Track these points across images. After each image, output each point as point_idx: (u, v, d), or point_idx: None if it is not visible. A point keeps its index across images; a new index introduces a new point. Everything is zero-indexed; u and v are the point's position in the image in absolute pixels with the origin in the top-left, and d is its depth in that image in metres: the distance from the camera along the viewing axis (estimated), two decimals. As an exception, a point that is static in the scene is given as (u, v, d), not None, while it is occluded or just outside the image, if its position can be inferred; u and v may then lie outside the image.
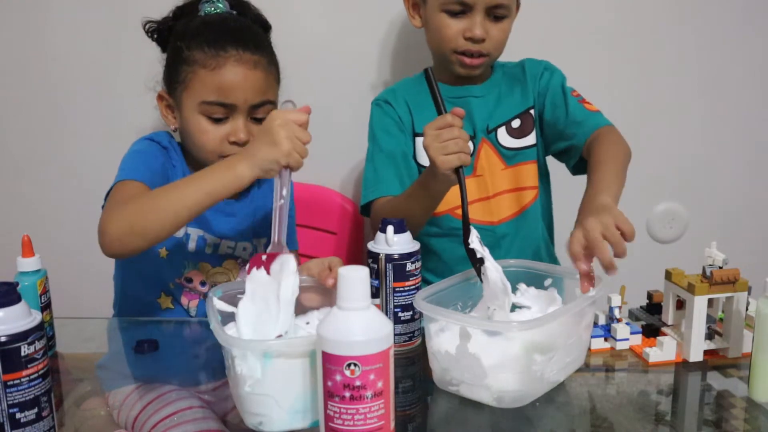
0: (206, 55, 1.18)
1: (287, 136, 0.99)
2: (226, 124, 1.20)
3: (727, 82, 1.82)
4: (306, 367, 0.82)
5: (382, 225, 1.09)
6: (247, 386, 0.83)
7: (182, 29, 1.23)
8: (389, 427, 0.77)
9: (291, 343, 0.86)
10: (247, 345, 0.84)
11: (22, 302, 0.80)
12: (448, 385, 0.97)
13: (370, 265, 1.09)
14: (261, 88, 1.20)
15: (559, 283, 1.09)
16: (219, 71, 1.18)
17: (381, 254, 1.07)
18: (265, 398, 0.83)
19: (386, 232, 1.07)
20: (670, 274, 1.11)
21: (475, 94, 1.47)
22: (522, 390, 0.93)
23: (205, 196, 1.03)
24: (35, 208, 1.77)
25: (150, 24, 1.28)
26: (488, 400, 0.94)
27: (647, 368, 1.05)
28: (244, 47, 1.19)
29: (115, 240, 1.04)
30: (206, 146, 1.21)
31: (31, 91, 1.73)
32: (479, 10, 1.35)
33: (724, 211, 1.88)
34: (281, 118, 1.01)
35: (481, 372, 0.92)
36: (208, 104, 1.19)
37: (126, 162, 1.20)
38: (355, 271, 0.74)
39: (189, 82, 1.20)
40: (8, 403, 0.78)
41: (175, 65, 1.21)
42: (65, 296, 1.23)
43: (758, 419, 0.93)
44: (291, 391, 0.83)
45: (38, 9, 1.68)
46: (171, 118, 1.26)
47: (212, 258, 1.28)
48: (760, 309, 0.93)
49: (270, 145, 0.99)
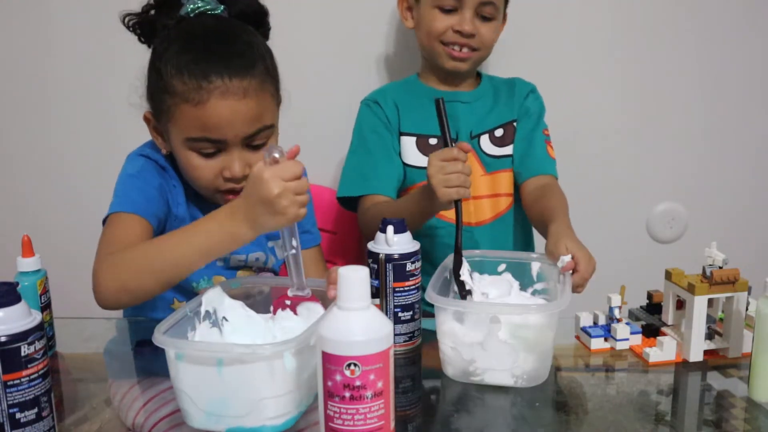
0: (187, 87, 1.05)
1: (291, 203, 0.93)
2: (218, 158, 1.10)
3: (728, 82, 1.82)
4: (214, 374, 0.83)
5: (383, 225, 1.09)
6: (171, 380, 0.87)
7: (161, 48, 1.11)
8: (389, 427, 0.77)
9: (199, 346, 0.88)
10: (163, 341, 0.85)
11: (22, 302, 0.80)
12: (470, 376, 0.99)
13: (370, 265, 1.09)
14: (254, 117, 1.09)
15: (512, 268, 1.15)
16: (203, 107, 1.05)
17: (381, 254, 1.07)
18: (182, 394, 0.86)
19: (386, 232, 1.07)
20: (670, 274, 1.11)
21: (463, 99, 1.52)
22: (541, 368, 0.99)
23: (201, 257, 0.98)
24: (35, 208, 1.77)
25: (129, 17, 1.15)
26: (512, 383, 0.98)
27: (647, 368, 1.05)
28: (231, 74, 1.06)
29: (110, 297, 1.01)
30: (199, 182, 1.13)
31: (31, 91, 1.73)
32: (469, 6, 1.43)
33: (724, 211, 1.88)
34: (278, 185, 0.92)
35: (512, 357, 0.96)
36: (194, 141, 1.08)
37: (121, 188, 1.13)
38: (355, 271, 0.74)
39: (173, 114, 1.08)
40: (8, 403, 0.78)
41: (158, 92, 1.10)
42: (65, 296, 1.23)
43: (758, 419, 0.93)
44: (203, 393, 0.85)
45: (39, 10, 1.68)
46: (161, 142, 1.16)
47: (225, 271, 1.24)
48: (760, 309, 0.93)
49: (273, 214, 0.93)
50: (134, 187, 1.13)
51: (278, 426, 0.86)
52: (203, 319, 0.96)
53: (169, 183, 1.17)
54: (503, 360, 0.96)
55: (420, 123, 1.50)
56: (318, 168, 1.40)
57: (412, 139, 1.50)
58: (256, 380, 0.83)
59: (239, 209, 0.96)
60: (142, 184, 1.13)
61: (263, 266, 1.27)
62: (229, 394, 0.84)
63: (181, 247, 0.99)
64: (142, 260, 1.00)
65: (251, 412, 0.84)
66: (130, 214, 1.09)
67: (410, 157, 1.50)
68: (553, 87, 1.60)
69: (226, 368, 0.83)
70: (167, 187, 1.16)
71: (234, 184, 1.11)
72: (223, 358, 0.83)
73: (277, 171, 0.93)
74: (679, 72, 1.80)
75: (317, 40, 1.69)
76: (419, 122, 1.50)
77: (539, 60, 1.71)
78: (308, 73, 1.67)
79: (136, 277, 1.00)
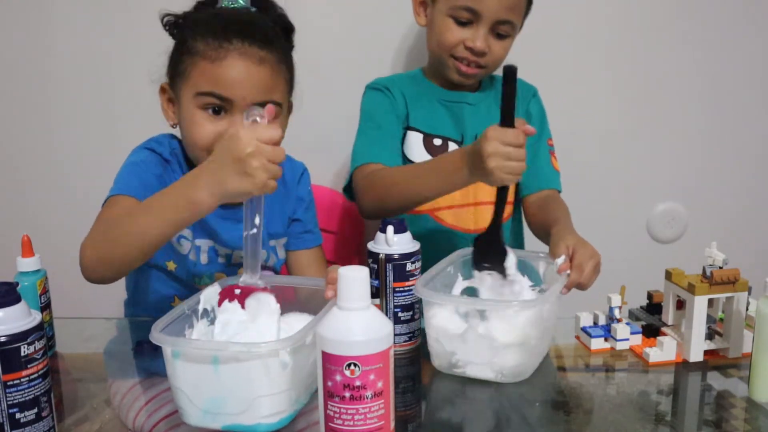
0: (209, 46, 1.10)
1: (261, 166, 0.87)
2: (222, 120, 1.11)
3: (727, 82, 1.82)
4: (210, 372, 0.84)
5: (383, 225, 1.09)
6: (168, 378, 0.87)
7: (192, 19, 1.17)
8: (389, 427, 0.77)
9: (195, 344, 0.88)
10: (160, 338, 0.85)
11: (22, 302, 0.81)
12: (452, 368, 1.01)
13: (370, 265, 1.09)
14: (265, 87, 1.11)
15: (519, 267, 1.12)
16: (219, 63, 1.09)
17: (381, 254, 1.07)
18: (179, 392, 0.87)
19: (386, 232, 1.07)
20: (670, 274, 1.11)
21: (469, 101, 1.47)
22: (523, 364, 0.99)
23: (167, 225, 0.94)
24: (35, 208, 1.77)
25: (168, 17, 1.20)
26: (492, 377, 0.99)
27: (647, 368, 1.05)
28: (252, 40, 1.10)
29: (89, 269, 1.01)
30: (199, 142, 1.12)
31: (31, 91, 1.73)
32: (485, 23, 1.35)
33: (724, 211, 1.88)
34: (252, 144, 0.87)
35: (491, 351, 0.97)
36: (202, 95, 1.10)
37: (121, 174, 1.15)
38: (355, 271, 0.74)
39: (188, 73, 1.12)
40: (8, 403, 0.78)
41: (178, 55, 1.15)
42: (65, 296, 1.23)
43: (758, 419, 0.93)
44: (200, 392, 0.85)
45: (38, 9, 1.68)
46: (170, 113, 1.19)
47: (227, 268, 1.24)
48: (760, 309, 0.93)
49: (240, 175, 0.87)
50: (133, 173, 1.14)
51: (274, 424, 0.86)
52: (201, 316, 0.96)
53: (171, 177, 1.18)
54: (482, 354, 0.97)
55: (427, 121, 1.45)
56: (318, 168, 1.40)
57: (419, 136, 1.44)
58: (251, 378, 0.83)
59: (204, 172, 0.91)
60: (142, 171, 1.14)
61: (265, 263, 1.27)
62: (226, 392, 0.84)
63: (148, 216, 0.95)
64: (115, 230, 0.99)
65: (247, 409, 0.84)
66: (126, 196, 1.09)
67: (415, 153, 1.43)
68: (553, 87, 1.59)
69: (222, 366, 0.83)
70: (168, 179, 1.16)
71: None
72: (218, 356, 0.83)
73: (254, 130, 0.88)
74: (679, 72, 1.80)
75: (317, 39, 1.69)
76: (426, 120, 1.45)
77: (539, 59, 1.71)
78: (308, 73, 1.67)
79: (112, 247, 0.98)
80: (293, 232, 1.31)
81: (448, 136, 1.44)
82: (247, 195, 0.90)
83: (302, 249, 1.31)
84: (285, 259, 1.32)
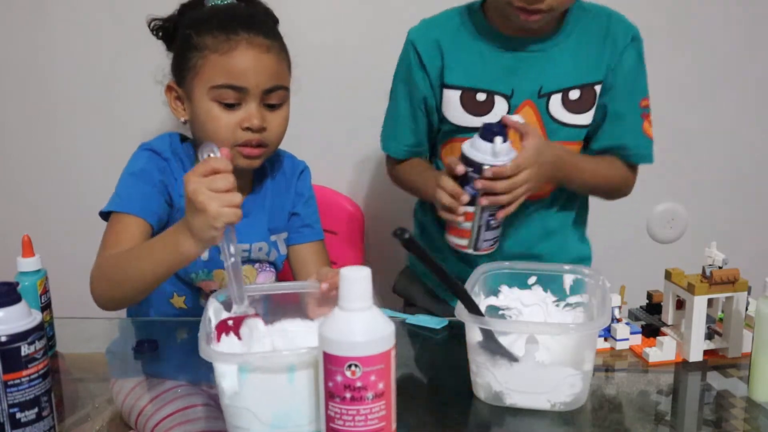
0: (217, 40, 1.14)
1: (207, 198, 0.89)
2: (238, 111, 1.14)
3: (727, 82, 1.82)
4: (284, 382, 0.81)
5: (486, 132, 1.05)
6: (226, 398, 0.82)
7: (191, 18, 1.20)
8: (390, 428, 0.77)
9: (268, 357, 0.84)
10: (224, 358, 0.82)
11: (22, 302, 0.81)
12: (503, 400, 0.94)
13: (467, 171, 1.09)
14: (274, 73, 1.16)
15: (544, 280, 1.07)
16: (230, 54, 1.13)
17: (485, 165, 1.07)
18: (244, 411, 0.82)
19: (494, 141, 1.04)
20: (670, 274, 1.11)
21: (535, 48, 1.24)
22: (582, 390, 0.93)
23: (162, 270, 1.00)
24: (35, 208, 1.77)
25: (155, 22, 1.24)
26: (547, 407, 0.93)
27: (647, 368, 1.05)
28: (256, 31, 1.15)
29: (100, 303, 1.09)
30: (218, 134, 1.14)
31: (31, 91, 1.73)
32: None
33: (724, 211, 1.88)
34: (191, 180, 0.90)
35: (548, 379, 0.91)
36: (218, 88, 1.13)
37: (122, 185, 1.17)
38: (356, 272, 0.74)
39: (199, 68, 1.15)
40: (8, 403, 0.78)
41: (185, 53, 1.17)
42: (65, 296, 1.23)
43: (758, 419, 0.93)
44: (270, 406, 0.82)
45: (39, 9, 1.68)
46: (181, 110, 1.20)
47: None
48: (760, 309, 0.93)
49: (195, 213, 0.90)
50: (133, 186, 1.16)
51: None
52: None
53: (170, 177, 1.18)
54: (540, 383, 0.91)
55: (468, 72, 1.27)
56: (318, 168, 1.40)
57: (457, 93, 1.27)
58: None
59: (183, 221, 0.95)
60: (142, 183, 1.16)
61: (267, 258, 1.27)
62: (298, 402, 0.81)
63: (144, 262, 1.02)
64: (118, 274, 1.06)
65: (316, 418, 0.81)
66: (128, 215, 1.12)
67: (451, 112, 1.27)
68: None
69: (297, 373, 0.81)
70: (169, 182, 1.18)
71: (251, 135, 1.14)
72: (295, 363, 0.80)
73: (197, 167, 0.92)
74: (679, 72, 1.80)
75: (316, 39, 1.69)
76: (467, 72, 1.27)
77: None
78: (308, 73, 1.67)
79: (115, 287, 1.06)
80: (293, 227, 1.31)
81: (495, 90, 1.26)
82: (211, 229, 0.90)
83: (301, 243, 1.32)
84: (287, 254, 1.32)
